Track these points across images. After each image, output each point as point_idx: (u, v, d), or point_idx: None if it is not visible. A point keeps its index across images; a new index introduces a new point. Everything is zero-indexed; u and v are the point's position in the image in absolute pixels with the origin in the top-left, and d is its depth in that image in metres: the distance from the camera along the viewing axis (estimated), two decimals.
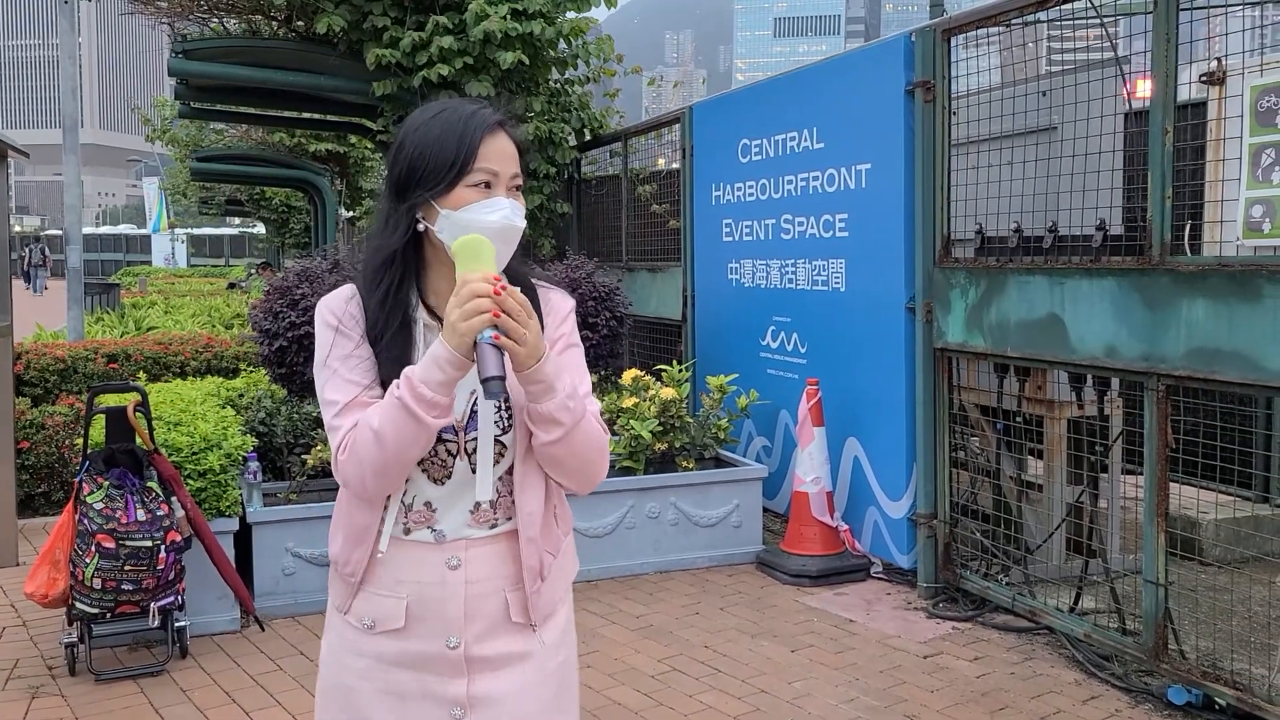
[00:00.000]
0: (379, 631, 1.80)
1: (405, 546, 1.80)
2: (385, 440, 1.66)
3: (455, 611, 1.78)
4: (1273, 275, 3.37)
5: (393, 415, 1.65)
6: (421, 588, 1.78)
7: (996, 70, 5.02)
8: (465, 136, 1.72)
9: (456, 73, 8.23)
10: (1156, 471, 3.89)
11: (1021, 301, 4.43)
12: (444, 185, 1.71)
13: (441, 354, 1.62)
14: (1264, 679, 3.82)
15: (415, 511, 1.79)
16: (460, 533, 1.79)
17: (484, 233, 1.69)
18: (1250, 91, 3.53)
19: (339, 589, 1.86)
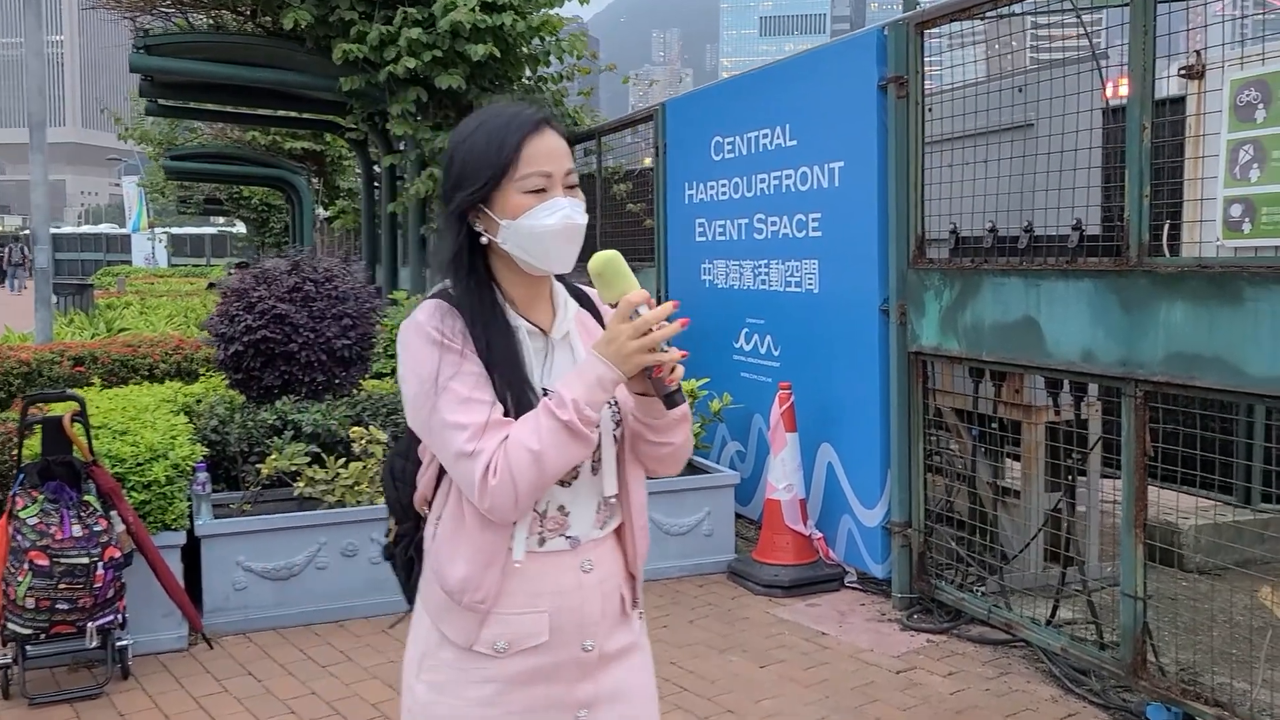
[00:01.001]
0: (514, 652, 1.74)
1: (539, 559, 1.76)
2: (547, 462, 1.63)
3: (592, 614, 1.79)
4: (1254, 277, 3.22)
5: (557, 438, 1.62)
6: (560, 597, 1.76)
7: (972, 65, 4.88)
8: (506, 140, 1.72)
9: (425, 66, 8.06)
10: (1134, 481, 3.75)
11: (996, 304, 4.28)
12: (489, 186, 1.71)
13: (608, 376, 1.62)
14: (1246, 694, 3.69)
15: (550, 519, 1.77)
16: (589, 534, 1.80)
17: (546, 236, 1.71)
18: (1229, 86, 3.38)
19: (462, 622, 1.74)
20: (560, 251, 1.73)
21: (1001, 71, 4.90)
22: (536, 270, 1.76)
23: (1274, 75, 3.28)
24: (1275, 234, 3.32)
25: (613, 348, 1.61)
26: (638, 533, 1.87)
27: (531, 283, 1.80)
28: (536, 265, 1.74)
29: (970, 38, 4.78)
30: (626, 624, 1.87)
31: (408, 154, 9.21)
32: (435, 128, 8.55)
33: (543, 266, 1.74)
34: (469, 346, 1.71)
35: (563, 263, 1.75)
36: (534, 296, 1.82)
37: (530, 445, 1.62)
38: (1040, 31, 5.06)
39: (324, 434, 5.28)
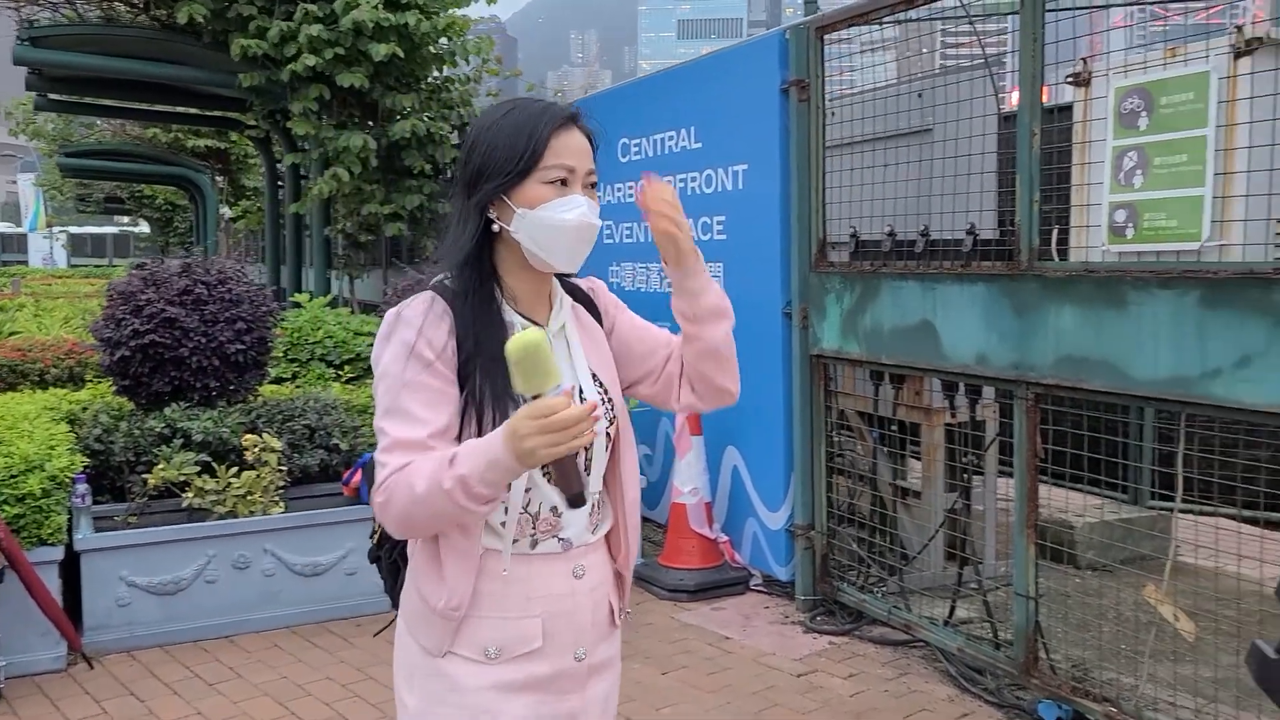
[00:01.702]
0: (507, 659, 1.70)
1: (532, 561, 1.72)
2: (430, 510, 1.56)
3: (584, 621, 1.76)
4: (1137, 282, 3.29)
5: (435, 495, 1.54)
6: (553, 601, 1.73)
7: (871, 70, 4.91)
8: (536, 130, 1.68)
9: (327, 64, 7.88)
10: (1026, 482, 3.80)
11: (895, 307, 4.31)
12: (514, 177, 1.67)
13: (504, 462, 1.49)
14: (1133, 689, 3.76)
15: (543, 520, 1.73)
16: (582, 538, 1.76)
17: (560, 231, 1.67)
18: (1114, 93, 3.45)
19: (436, 631, 1.70)
20: (571, 249, 1.70)
21: (900, 77, 4.94)
22: (543, 265, 1.71)
23: (1155, 83, 3.35)
24: (1157, 239, 3.39)
25: (518, 443, 1.46)
26: (630, 533, 1.84)
27: (535, 279, 1.77)
28: (545, 259, 1.70)
29: (870, 43, 4.82)
30: (612, 635, 1.85)
31: (310, 153, 9.00)
32: (339, 126, 8.36)
33: (550, 261, 1.70)
34: (448, 349, 1.65)
35: (571, 261, 1.71)
36: (535, 292, 1.78)
37: (416, 486, 1.55)
38: (938, 38, 5.12)
39: (215, 442, 5.10)
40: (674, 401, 1.90)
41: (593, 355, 1.81)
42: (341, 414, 5.50)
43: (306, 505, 5.01)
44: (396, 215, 8.68)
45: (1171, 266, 3.26)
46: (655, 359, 1.89)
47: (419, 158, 8.52)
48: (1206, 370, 3.11)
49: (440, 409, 1.63)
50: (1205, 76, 3.19)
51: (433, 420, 1.62)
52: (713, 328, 1.81)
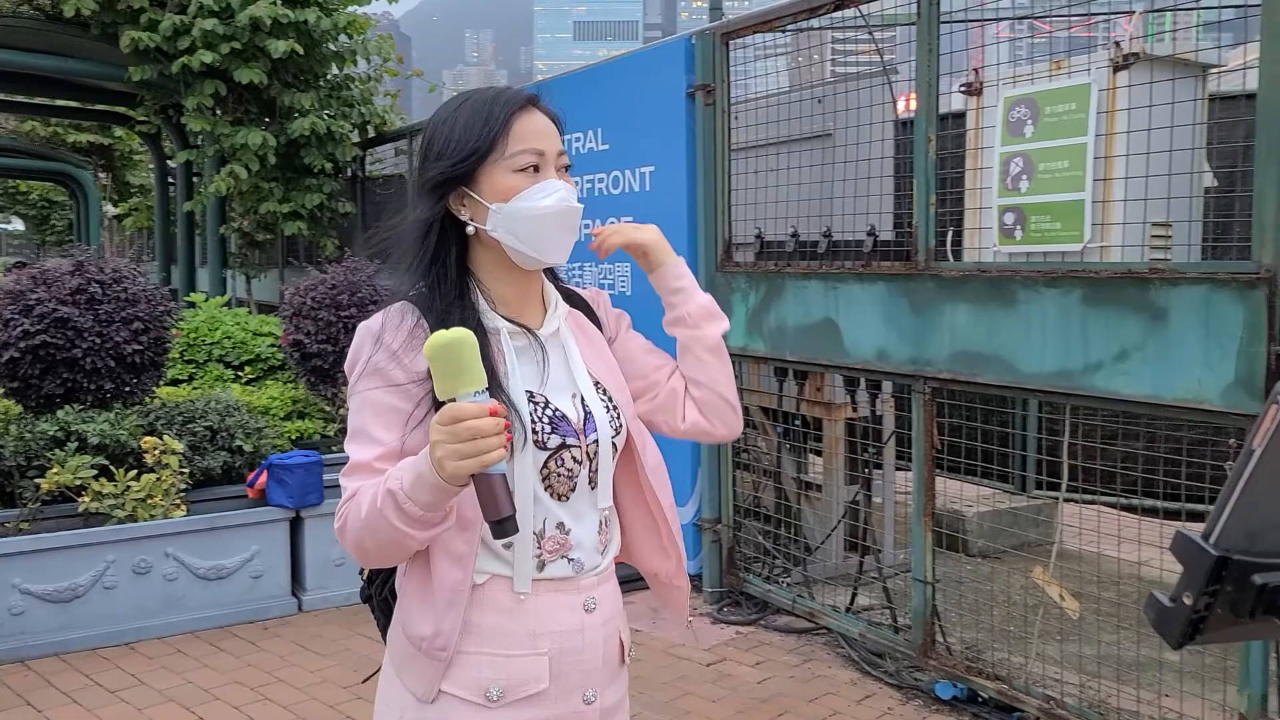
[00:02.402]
0: (509, 701, 1.52)
1: (540, 589, 1.55)
2: (377, 536, 1.44)
3: (593, 660, 1.59)
4: (1025, 281, 3.48)
5: (377, 522, 1.42)
6: (562, 638, 1.56)
7: (775, 76, 5.06)
8: (493, 114, 1.56)
9: (223, 59, 7.70)
10: (924, 472, 3.98)
11: (799, 306, 4.46)
12: (475, 162, 1.55)
13: (428, 478, 1.37)
14: (1022, 667, 3.97)
15: (549, 538, 1.56)
16: (592, 560, 1.60)
17: (541, 220, 1.55)
18: (1003, 102, 3.65)
19: (424, 672, 1.53)
20: (556, 238, 1.57)
21: (802, 83, 5.10)
22: (528, 261, 1.58)
23: (1041, 94, 3.55)
24: (1043, 240, 3.60)
25: (430, 449, 1.36)
26: (675, 538, 1.74)
27: (520, 279, 1.63)
28: (529, 254, 1.57)
29: (765, 49, 4.96)
30: (621, 674, 1.69)
31: (205, 149, 8.79)
32: (235, 123, 8.19)
33: (536, 255, 1.57)
34: (415, 366, 1.51)
35: (558, 251, 1.58)
36: (523, 295, 1.65)
37: (361, 510, 1.46)
38: (837, 46, 5.31)
39: (113, 445, 4.97)
40: (679, 422, 1.76)
41: (595, 362, 1.68)
42: (244, 415, 5.41)
43: (209, 508, 4.92)
44: (296, 214, 8.54)
45: (1057, 266, 3.46)
46: (656, 375, 1.77)
47: (319, 156, 8.40)
48: (1089, 364, 3.32)
49: (399, 428, 1.51)
50: (1086, 88, 3.40)
51: (388, 441, 1.51)
52: (710, 326, 1.72)
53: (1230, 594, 0.91)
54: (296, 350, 6.42)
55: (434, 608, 1.52)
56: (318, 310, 6.35)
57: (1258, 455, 0.87)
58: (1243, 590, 0.91)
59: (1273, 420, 0.86)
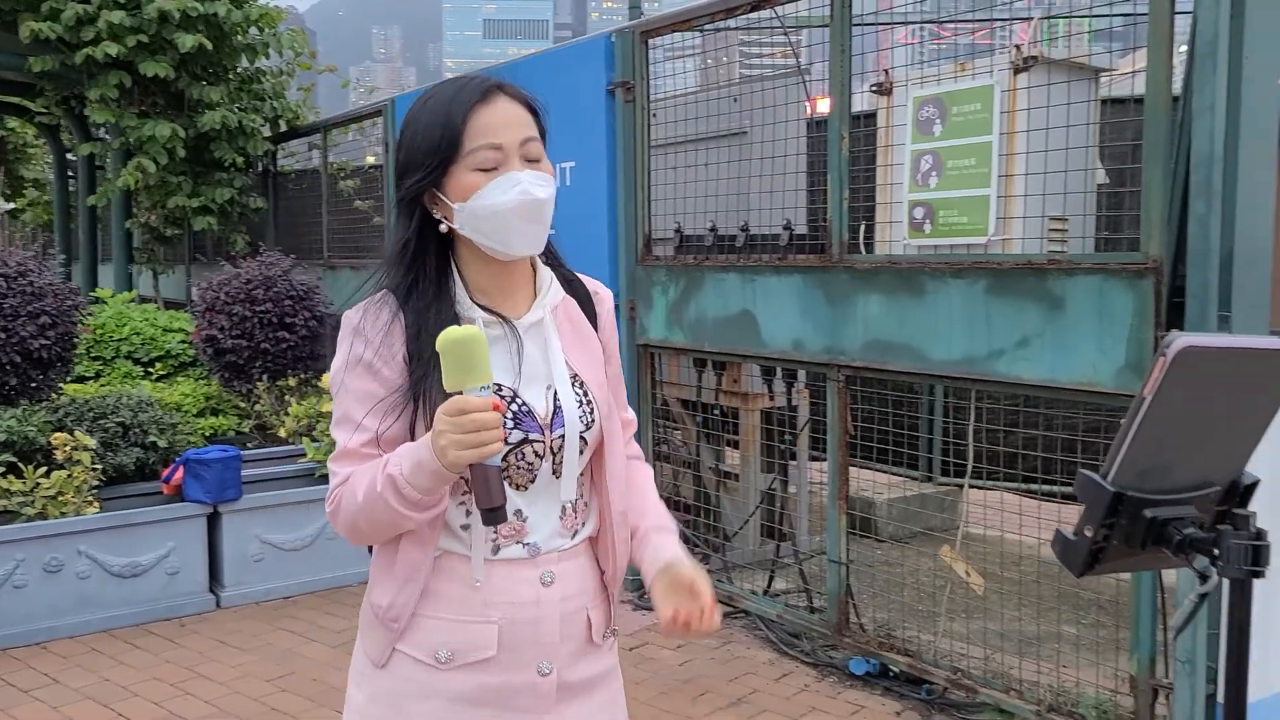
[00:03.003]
0: (459, 665, 1.57)
1: (494, 566, 1.59)
2: (373, 519, 1.52)
3: (549, 634, 1.61)
4: (934, 273, 3.66)
5: (376, 501, 1.50)
6: (515, 609, 1.59)
7: (686, 75, 5.18)
8: (451, 115, 1.56)
9: (129, 51, 7.52)
10: (838, 457, 4.14)
11: (717, 298, 4.58)
12: (438, 170, 1.56)
13: (428, 464, 1.45)
14: (930, 643, 4.16)
15: (505, 524, 1.58)
16: (551, 544, 1.62)
17: (502, 215, 1.55)
18: (912, 102, 3.82)
19: (379, 638, 1.61)
20: (522, 231, 1.57)
21: (720, 81, 5.23)
22: (500, 254, 1.60)
23: (949, 94, 3.74)
24: (951, 234, 3.78)
25: (434, 438, 1.44)
26: (618, 547, 1.67)
27: (501, 269, 1.64)
28: (497, 249, 1.59)
29: (684, 51, 5.08)
30: (594, 652, 1.68)
31: (110, 143, 8.56)
32: (142, 115, 8.00)
33: (504, 249, 1.59)
34: (395, 350, 1.57)
35: (527, 243, 1.59)
36: (505, 284, 1.66)
37: (357, 494, 1.52)
38: (751, 48, 5.45)
39: (20, 442, 4.85)
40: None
41: (576, 354, 1.69)
42: (158, 411, 5.33)
43: (123, 505, 4.84)
44: (206, 209, 8.37)
45: (963, 258, 3.65)
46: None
47: (229, 150, 8.25)
48: (992, 350, 3.50)
49: (382, 415, 1.57)
50: (990, 89, 3.59)
51: (373, 426, 1.56)
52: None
53: (1125, 527, 1.03)
54: (210, 346, 6.33)
55: (394, 581, 1.59)
56: (232, 305, 6.27)
57: (1148, 402, 0.99)
58: (1135, 523, 1.03)
59: (1161, 370, 0.98)
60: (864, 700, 3.98)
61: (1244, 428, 1.04)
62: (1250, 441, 1.06)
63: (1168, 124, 3.02)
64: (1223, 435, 1.03)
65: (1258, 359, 1.00)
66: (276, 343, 6.32)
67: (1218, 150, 2.83)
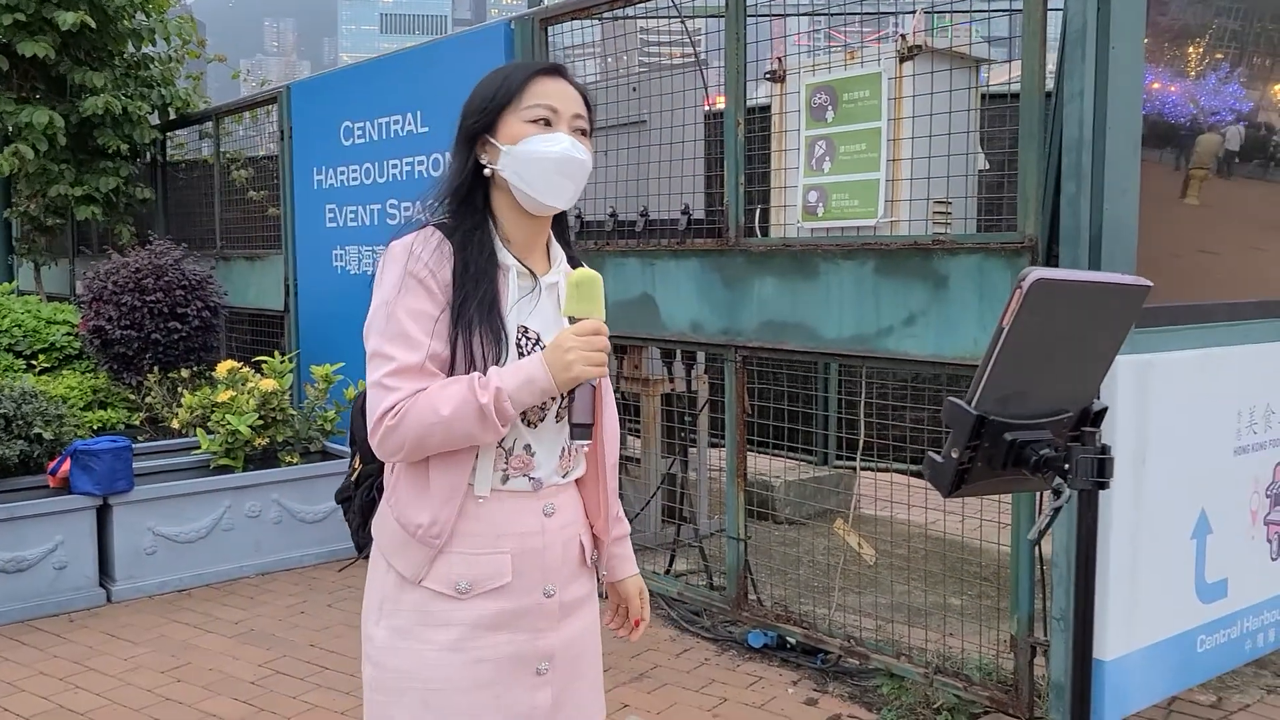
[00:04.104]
0: (477, 594, 1.72)
1: (502, 498, 1.75)
2: (451, 432, 1.64)
3: (553, 559, 1.78)
4: (826, 254, 3.78)
5: (467, 416, 1.63)
6: (523, 539, 1.75)
7: (585, 64, 5.23)
8: (514, 74, 1.78)
9: (5, 31, 7.24)
10: (736, 435, 4.24)
11: (618, 282, 4.65)
12: (493, 114, 1.75)
13: (542, 383, 1.64)
14: (826, 616, 4.29)
15: (515, 457, 1.76)
16: (551, 479, 1.79)
17: (543, 164, 1.73)
18: (805, 89, 3.94)
19: (415, 556, 1.73)
20: (557, 184, 1.75)
21: (612, 71, 5.30)
22: (533, 204, 1.77)
23: (840, 81, 3.86)
24: (843, 217, 3.91)
25: (558, 354, 1.63)
26: (610, 495, 1.89)
27: (530, 225, 1.82)
28: (532, 195, 1.75)
29: (585, 44, 5.13)
30: (585, 573, 1.88)
31: None
32: (20, 100, 7.70)
33: (538, 197, 1.75)
34: (444, 277, 1.70)
35: (559, 196, 1.77)
36: (531, 241, 1.83)
37: (441, 410, 1.63)
38: (649, 36, 5.53)
39: None
40: None
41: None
42: (43, 402, 5.16)
43: (7, 498, 4.68)
44: (90, 198, 8.09)
45: (853, 240, 3.78)
46: None
47: (114, 137, 7.99)
48: (881, 328, 3.64)
49: (437, 335, 1.70)
50: (878, 76, 3.73)
51: (430, 345, 1.69)
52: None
53: (987, 449, 1.12)
54: (97, 337, 6.16)
55: (430, 501, 1.72)
56: (120, 295, 6.11)
57: (1005, 332, 1.08)
58: (996, 446, 1.12)
59: (1017, 301, 1.07)
60: (762, 671, 4.09)
61: (1094, 357, 1.14)
62: (1099, 371, 1.15)
63: (1041, 111, 3.19)
64: (1074, 364, 1.13)
65: (1104, 292, 1.09)
66: (168, 333, 6.18)
67: (1086, 135, 3.00)
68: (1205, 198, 3.45)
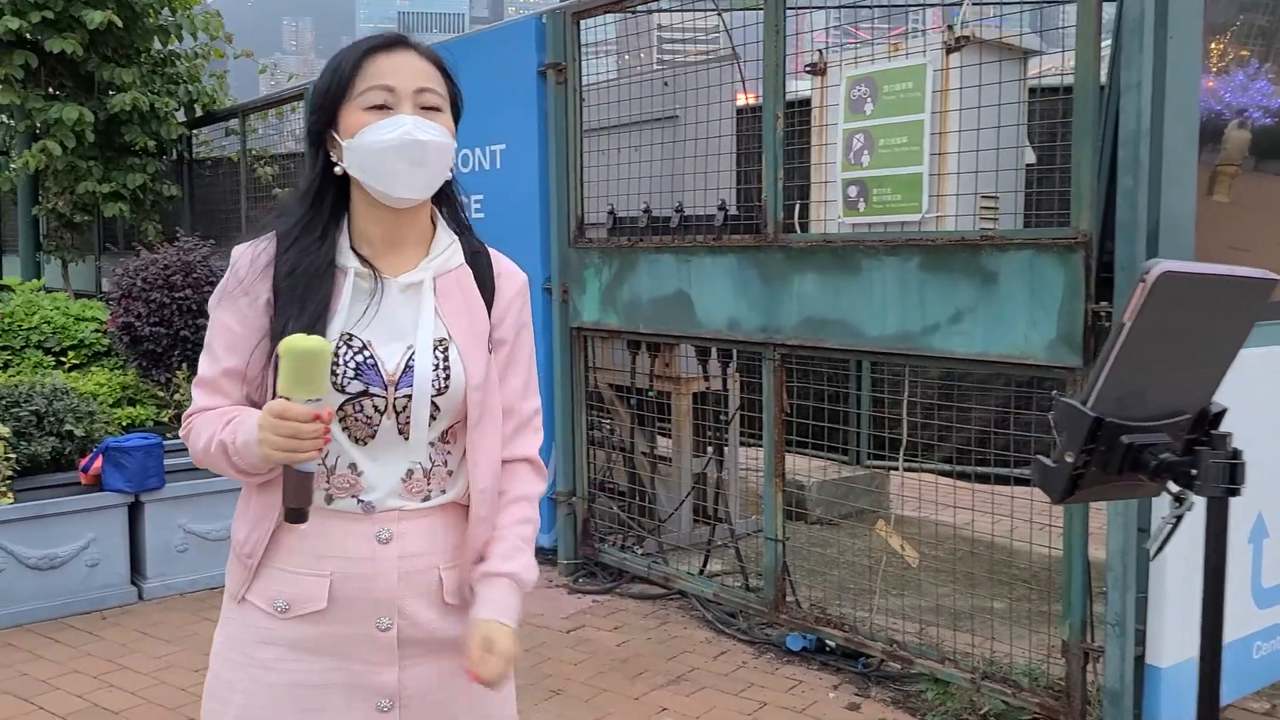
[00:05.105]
0: (294, 615, 1.61)
1: (327, 517, 1.61)
2: (211, 462, 1.62)
3: (386, 590, 1.62)
4: (868, 250, 3.71)
5: (213, 457, 1.60)
6: (348, 564, 1.61)
7: (607, 59, 5.18)
8: (345, 59, 1.63)
9: (34, 28, 7.24)
10: (774, 435, 4.17)
11: (652, 279, 4.59)
12: (330, 109, 1.62)
13: (254, 450, 1.51)
14: (866, 619, 4.22)
15: (338, 475, 1.62)
16: (389, 502, 1.63)
17: (382, 153, 1.57)
18: (845, 82, 3.87)
19: (237, 573, 1.68)
20: (401, 172, 1.59)
21: (653, 65, 5.24)
22: (383, 196, 1.62)
23: (880, 73, 3.79)
24: (884, 211, 3.84)
25: (256, 434, 1.50)
26: (476, 525, 1.67)
27: (392, 220, 1.66)
28: (379, 188, 1.61)
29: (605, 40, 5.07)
30: (451, 614, 1.66)
31: (14, 126, 8.23)
32: (49, 97, 7.70)
33: (384, 190, 1.61)
34: (259, 292, 1.63)
35: (407, 185, 1.60)
36: (395, 236, 1.68)
37: (200, 438, 1.62)
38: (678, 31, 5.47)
39: None
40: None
41: (456, 324, 1.68)
42: (74, 399, 5.14)
43: (39, 495, 4.66)
44: (117, 194, 8.09)
45: (897, 236, 3.70)
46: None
47: (141, 134, 7.99)
48: (926, 326, 3.57)
49: (238, 350, 1.64)
50: (922, 68, 3.65)
51: (226, 360, 1.64)
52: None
53: (1103, 453, 1.05)
54: (126, 334, 6.13)
55: (248, 519, 1.67)
56: (149, 291, 6.08)
57: (1127, 329, 1.02)
58: (1113, 449, 1.05)
59: (1141, 296, 1.00)
60: (801, 675, 4.02)
61: (1215, 355, 1.08)
62: (1219, 369, 1.09)
63: (1096, 103, 3.11)
64: (1195, 363, 1.07)
65: (1230, 286, 1.03)
66: (197, 330, 6.14)
67: (1144, 125, 2.92)
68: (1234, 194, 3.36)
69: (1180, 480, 1.05)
